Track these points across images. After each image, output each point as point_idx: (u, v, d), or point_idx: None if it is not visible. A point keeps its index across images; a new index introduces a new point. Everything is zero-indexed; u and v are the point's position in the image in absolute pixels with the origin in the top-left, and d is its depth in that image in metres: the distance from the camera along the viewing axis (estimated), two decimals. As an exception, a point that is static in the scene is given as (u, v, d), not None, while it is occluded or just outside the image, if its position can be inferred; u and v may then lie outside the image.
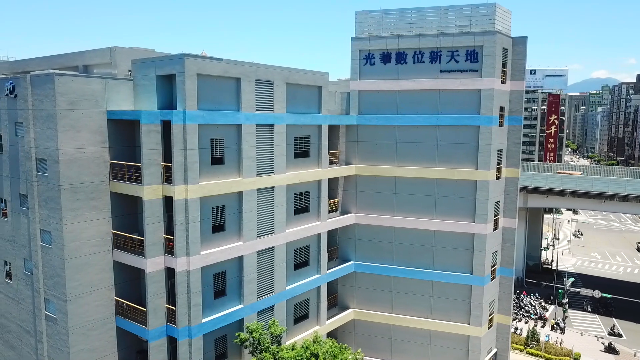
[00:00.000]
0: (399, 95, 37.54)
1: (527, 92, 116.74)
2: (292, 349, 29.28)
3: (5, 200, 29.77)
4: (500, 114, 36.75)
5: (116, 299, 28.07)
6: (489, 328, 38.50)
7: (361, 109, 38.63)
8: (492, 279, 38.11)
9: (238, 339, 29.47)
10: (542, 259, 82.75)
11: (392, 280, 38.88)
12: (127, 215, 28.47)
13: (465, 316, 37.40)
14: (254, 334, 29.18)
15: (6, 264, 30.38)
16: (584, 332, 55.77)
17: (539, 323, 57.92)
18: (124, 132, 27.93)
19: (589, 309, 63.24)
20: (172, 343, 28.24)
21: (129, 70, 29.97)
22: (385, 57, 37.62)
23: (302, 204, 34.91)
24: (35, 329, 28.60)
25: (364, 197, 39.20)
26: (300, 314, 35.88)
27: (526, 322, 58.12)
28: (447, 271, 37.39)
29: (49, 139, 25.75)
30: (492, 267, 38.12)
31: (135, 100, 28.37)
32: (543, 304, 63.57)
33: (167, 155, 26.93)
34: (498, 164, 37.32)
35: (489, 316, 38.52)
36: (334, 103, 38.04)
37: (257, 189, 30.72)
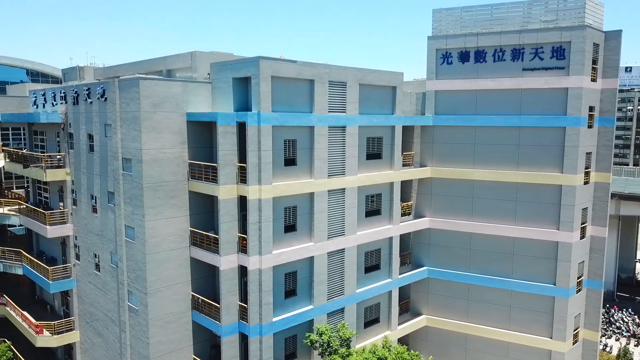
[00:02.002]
0: (477, 95, 36.03)
1: (621, 90, 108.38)
2: (362, 353, 28.92)
3: (95, 197, 31.86)
4: (589, 114, 34.17)
5: (192, 294, 29.13)
6: (573, 344, 35.92)
7: (437, 109, 37.49)
8: (577, 291, 35.52)
9: (308, 340, 29.58)
10: (636, 272, 76.21)
11: (468, 288, 37.36)
12: (204, 213, 29.47)
13: (547, 329, 35.14)
14: (323, 336, 29.15)
15: (95, 257, 32.49)
16: (686, 354, 50.62)
17: (632, 341, 53.31)
18: (202, 133, 28.94)
19: (692, 329, 57.31)
20: (244, 340, 28.85)
21: (208, 74, 31.04)
22: (464, 56, 36.25)
23: (373, 207, 34.43)
24: (119, 319, 30.34)
25: (439, 200, 38.01)
26: (371, 318, 35.41)
27: (617, 340, 53.72)
28: (527, 281, 35.33)
29: (134, 140, 27.21)
30: (578, 278, 35.53)
31: (213, 102, 29.31)
32: (637, 320, 58.45)
33: (242, 155, 27.56)
34: (586, 168, 34.73)
35: (574, 331, 35.93)
36: (408, 103, 37.24)
37: (328, 190, 30.68)
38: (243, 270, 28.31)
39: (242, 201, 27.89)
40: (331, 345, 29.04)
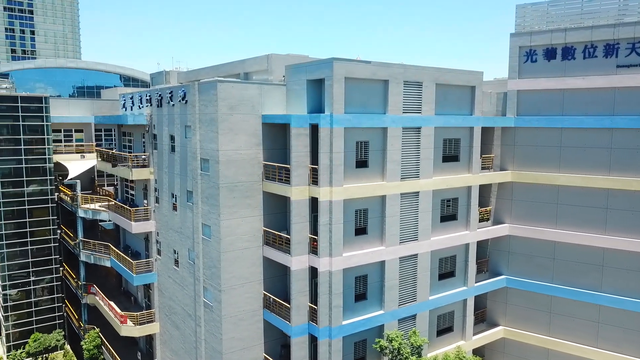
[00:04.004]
0: (564, 94, 33.73)
1: None
2: (433, 363, 28.00)
3: (175, 195, 33.29)
4: (695, 115, 30.88)
5: (264, 293, 29.58)
6: (673, 367, 32.61)
7: (519, 110, 35.54)
8: (679, 310, 32.18)
9: (377, 345, 29.06)
10: None
11: (550, 300, 35.06)
12: (277, 213, 29.85)
13: (642, 350, 32.16)
14: (393, 342, 28.50)
15: (175, 253, 33.96)
16: None
17: None
18: (276, 135, 29.33)
19: None
20: (314, 341, 28.87)
21: (283, 76, 31.42)
22: (549, 53, 34.08)
23: (449, 211, 33.23)
24: (195, 314, 31.47)
25: (520, 206, 35.99)
26: (444, 327, 34.21)
27: None
28: (619, 295, 32.52)
29: (211, 141, 28.09)
30: (680, 295, 32.18)
31: (287, 104, 29.62)
32: None
33: (315, 157, 27.61)
34: (691, 174, 31.38)
35: (674, 353, 32.60)
36: (488, 104, 35.62)
37: (401, 194, 29.96)
38: (314, 272, 28.35)
39: (314, 202, 27.93)
40: (401, 352, 28.33)
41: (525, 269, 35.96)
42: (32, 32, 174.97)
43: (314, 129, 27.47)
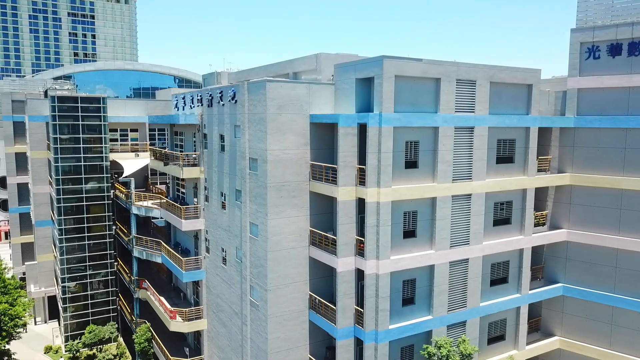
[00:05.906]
0: (630, 92, 31.69)
1: None
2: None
3: (224, 194, 33.65)
4: None
5: (310, 294, 29.37)
6: None
7: (580, 109, 33.70)
8: None
9: (425, 352, 28.24)
10: None
11: (612, 311, 33.02)
12: (324, 214, 29.58)
13: None
14: (442, 349, 27.60)
15: (223, 251, 34.33)
16: None
17: None
18: (324, 135, 29.06)
19: None
20: (359, 345, 28.39)
21: (332, 76, 31.13)
22: (614, 49, 32.11)
23: (502, 215, 31.90)
24: (242, 312, 31.66)
25: (579, 211, 34.12)
26: (495, 335, 32.90)
27: None
28: (689, 309, 30.23)
29: (260, 141, 28.16)
30: None
31: (336, 103, 29.29)
32: None
33: (363, 157, 27.13)
34: None
35: None
36: (546, 103, 34.01)
37: (452, 196, 29.00)
38: (360, 274, 27.87)
39: (361, 203, 27.45)
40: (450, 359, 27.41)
41: (584, 277, 34.05)
42: (93, 36, 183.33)
43: (363, 129, 27.00)
